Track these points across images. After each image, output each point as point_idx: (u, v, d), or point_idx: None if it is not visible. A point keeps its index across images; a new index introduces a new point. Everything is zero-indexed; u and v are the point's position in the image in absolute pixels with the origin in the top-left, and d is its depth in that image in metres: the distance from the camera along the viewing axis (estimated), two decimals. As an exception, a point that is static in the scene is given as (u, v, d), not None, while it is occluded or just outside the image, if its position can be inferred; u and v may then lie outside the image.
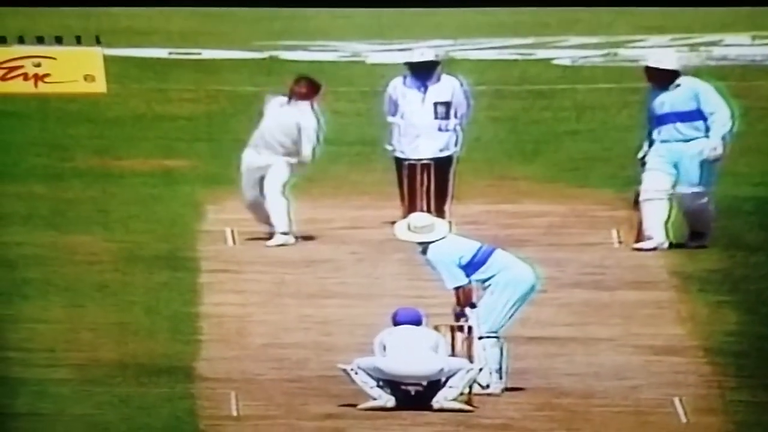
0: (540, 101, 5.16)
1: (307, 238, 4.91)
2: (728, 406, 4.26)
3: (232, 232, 4.99)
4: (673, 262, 4.97)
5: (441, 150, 5.13)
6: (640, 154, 4.95)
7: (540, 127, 5.12)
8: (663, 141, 4.91)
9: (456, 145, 5.15)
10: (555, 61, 5.35)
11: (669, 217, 4.88)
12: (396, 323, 4.31)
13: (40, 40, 4.75)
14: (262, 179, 4.73)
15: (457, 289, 4.22)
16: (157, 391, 4.46)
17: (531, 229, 5.04)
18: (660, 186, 4.87)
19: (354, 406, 4.29)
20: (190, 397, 4.45)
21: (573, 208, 5.10)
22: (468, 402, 4.35)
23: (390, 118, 5.18)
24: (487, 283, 4.24)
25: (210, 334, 4.67)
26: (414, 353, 4.23)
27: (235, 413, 4.37)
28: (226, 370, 4.55)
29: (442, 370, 4.22)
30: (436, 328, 4.29)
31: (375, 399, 4.24)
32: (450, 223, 4.38)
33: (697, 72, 5.10)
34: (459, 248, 4.24)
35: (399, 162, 5.09)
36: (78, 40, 4.75)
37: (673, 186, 4.89)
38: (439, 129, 5.14)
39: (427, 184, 5.03)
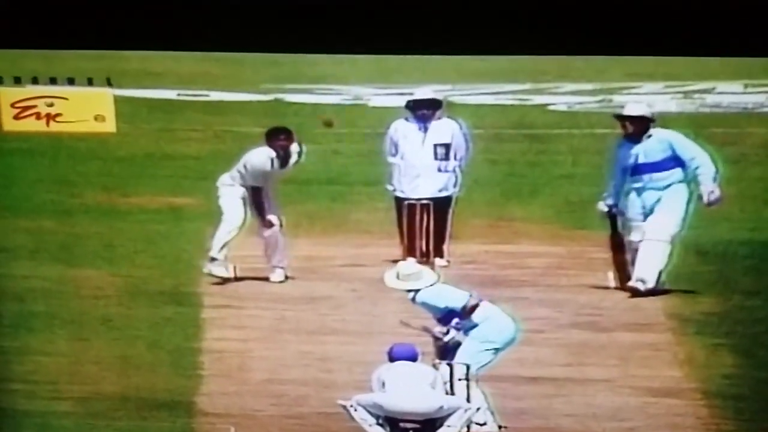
0: (537, 145, 5.26)
1: (308, 275, 4.97)
2: (724, 448, 4.29)
3: (234, 268, 5.05)
4: (669, 304, 5.02)
5: (440, 190, 5.21)
6: (606, 205, 5.01)
7: (537, 170, 5.20)
8: (638, 191, 5.01)
9: (455, 186, 5.24)
10: (551, 107, 5.46)
11: (667, 262, 4.96)
12: (392, 359, 4.35)
13: (53, 81, 4.83)
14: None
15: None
16: (158, 426, 4.49)
17: (528, 270, 5.11)
18: (661, 230, 4.95)
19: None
20: (191, 431, 4.47)
21: (569, 249, 5.17)
22: (467, 441, 4.37)
23: (390, 159, 5.27)
24: (469, 332, 4.33)
25: (211, 369, 4.71)
26: (413, 390, 4.27)
27: (234, 448, 4.38)
28: (226, 405, 4.59)
29: (441, 407, 4.27)
30: (433, 365, 4.34)
31: None
32: (439, 275, 4.50)
33: (680, 118, 5.20)
34: (446, 297, 4.35)
35: (399, 201, 5.17)
36: (90, 82, 4.83)
37: (642, 230, 4.98)
38: (439, 170, 5.23)
39: (426, 223, 5.10)
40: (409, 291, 4.31)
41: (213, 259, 4.88)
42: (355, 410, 4.24)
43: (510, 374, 4.59)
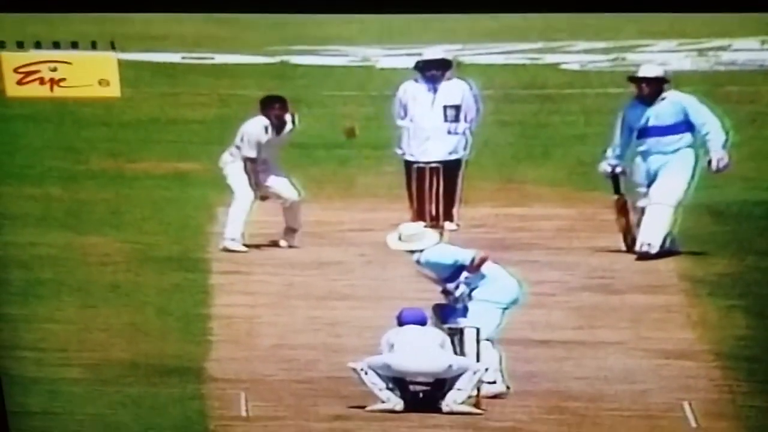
0: (548, 105, 5.17)
1: (316, 239, 4.93)
2: (739, 410, 4.26)
3: (242, 234, 5.01)
4: (682, 266, 4.97)
5: (450, 153, 5.15)
6: (608, 166, 4.95)
7: (548, 131, 5.12)
8: (644, 154, 4.94)
9: (465, 148, 5.17)
10: (563, 66, 5.35)
11: (672, 226, 4.91)
12: (401, 324, 4.34)
13: (56, 46, 4.76)
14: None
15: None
16: (168, 392, 4.50)
17: (539, 233, 5.05)
18: (667, 194, 4.90)
19: (363, 407, 4.31)
20: (201, 397, 4.48)
21: (581, 211, 5.10)
22: (476, 405, 4.36)
23: (399, 122, 5.20)
24: (474, 291, 4.32)
25: (220, 335, 4.71)
26: (422, 350, 4.26)
27: (244, 414, 4.40)
28: (236, 371, 4.58)
29: (450, 366, 4.26)
30: (442, 329, 4.32)
31: (384, 402, 4.27)
32: (442, 233, 4.47)
33: (694, 76, 5.09)
34: (452, 254, 4.32)
35: (408, 165, 5.11)
36: (93, 46, 4.76)
37: (647, 195, 4.92)
38: (449, 132, 5.16)
39: (435, 187, 5.05)
40: (413, 252, 4.30)
41: (233, 238, 4.87)
42: (366, 374, 4.24)
43: (520, 337, 4.56)
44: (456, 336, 4.27)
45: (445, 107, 5.13)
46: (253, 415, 4.41)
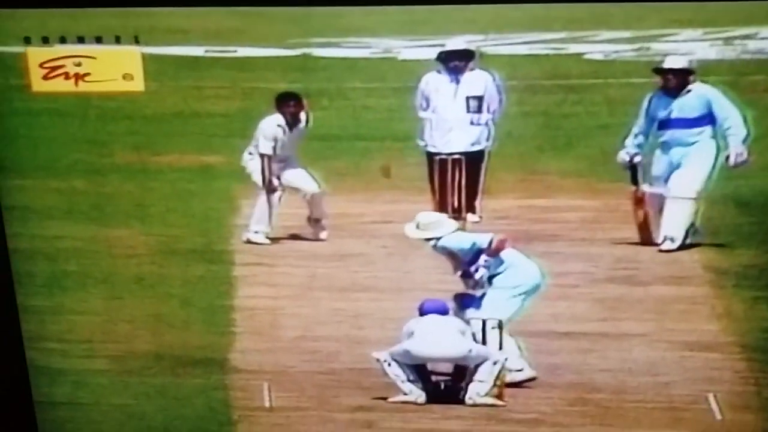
0: (572, 96, 5.14)
1: (339, 232, 4.94)
2: (764, 402, 4.22)
3: (269, 227, 5.04)
4: (707, 257, 4.93)
5: (473, 144, 5.14)
6: (627, 155, 4.91)
7: (572, 122, 5.09)
8: (664, 145, 4.91)
9: (488, 139, 5.16)
10: (587, 56, 5.31)
11: (694, 218, 4.87)
12: (422, 314, 4.35)
13: (80, 40, 4.79)
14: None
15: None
16: (192, 382, 4.53)
17: (563, 224, 5.04)
18: (688, 187, 4.86)
19: (385, 399, 4.31)
20: (224, 388, 4.51)
21: (605, 202, 5.07)
22: (499, 396, 4.36)
23: (421, 113, 5.20)
24: (494, 279, 4.30)
25: (243, 326, 4.73)
26: (442, 336, 4.27)
27: (267, 404, 4.42)
28: (259, 362, 4.61)
29: (470, 351, 4.27)
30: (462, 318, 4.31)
31: (406, 394, 4.28)
32: (464, 226, 4.46)
33: (720, 65, 5.04)
34: (469, 239, 4.31)
35: (430, 157, 5.11)
36: (117, 40, 4.79)
37: (667, 187, 4.88)
38: (471, 123, 5.14)
39: (458, 178, 5.04)
40: (430, 240, 4.32)
41: (257, 231, 4.90)
42: (389, 365, 4.25)
43: (544, 329, 4.55)
44: (477, 326, 4.28)
45: (468, 98, 5.11)
46: (276, 406, 4.44)
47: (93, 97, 4.78)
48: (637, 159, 4.88)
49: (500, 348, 4.30)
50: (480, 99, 5.13)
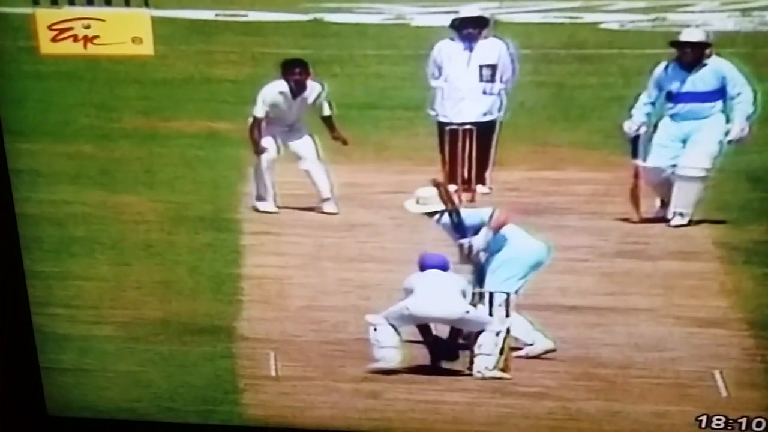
0: (586, 66, 5.07)
1: (348, 201, 4.92)
2: (770, 380, 4.20)
3: (275, 194, 5.02)
4: (718, 233, 4.89)
5: (484, 114, 5.08)
6: (633, 126, 4.84)
7: (585, 93, 5.03)
8: (674, 117, 4.83)
9: (499, 110, 5.10)
10: (602, 25, 5.23)
11: (702, 193, 4.82)
12: (422, 268, 4.35)
13: (89, 2, 4.74)
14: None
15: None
16: (199, 350, 4.54)
17: (573, 197, 5.00)
18: (695, 163, 4.81)
19: (392, 370, 4.31)
20: (231, 356, 4.52)
21: (617, 176, 5.03)
22: (504, 369, 4.36)
23: (433, 82, 5.14)
24: (496, 253, 4.28)
25: (251, 295, 4.73)
26: (441, 295, 4.27)
27: (273, 373, 4.43)
28: (266, 331, 4.61)
29: (467, 313, 4.27)
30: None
31: (377, 361, 4.29)
32: (473, 197, 4.43)
33: (736, 37, 4.95)
34: (471, 214, 4.29)
35: (441, 127, 5.06)
36: (127, 2, 4.74)
37: (675, 162, 4.82)
38: (484, 92, 5.08)
39: (468, 149, 5.00)
40: (432, 215, 4.29)
41: (259, 197, 4.88)
42: (375, 330, 4.26)
43: (551, 303, 4.53)
44: (484, 298, 4.26)
45: (481, 66, 5.04)
46: (282, 375, 4.45)
47: (102, 60, 4.74)
48: (642, 129, 4.82)
49: (507, 316, 4.29)
50: (493, 68, 5.06)
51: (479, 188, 4.95)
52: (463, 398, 4.44)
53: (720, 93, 4.84)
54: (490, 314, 4.23)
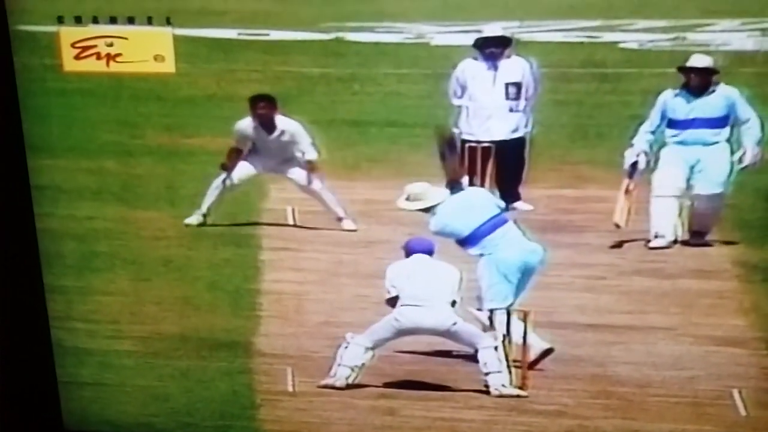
0: (605, 85, 5.08)
1: (366, 219, 4.94)
2: (789, 400, 4.17)
3: (293, 211, 5.05)
4: (736, 251, 4.87)
5: (512, 131, 5.10)
6: (634, 153, 4.84)
7: (604, 111, 5.04)
8: (680, 143, 4.82)
9: (526, 126, 5.12)
10: (622, 45, 5.25)
11: (680, 215, 4.81)
12: (408, 253, 4.34)
13: (113, 21, 4.81)
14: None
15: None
16: (217, 365, 4.56)
17: (592, 215, 5.00)
18: (675, 184, 4.80)
19: (407, 385, 4.32)
20: (248, 371, 4.54)
21: (636, 194, 5.03)
22: (522, 387, 4.35)
23: (455, 101, 5.16)
24: (487, 254, 4.27)
25: (269, 310, 4.76)
26: (429, 301, 4.25)
27: (291, 389, 4.44)
28: (283, 346, 4.63)
29: (455, 324, 4.26)
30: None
31: (332, 377, 4.29)
32: (513, 209, 4.42)
33: (756, 57, 4.94)
34: (473, 217, 4.27)
35: (466, 144, 5.08)
36: (149, 21, 4.81)
37: (688, 187, 4.81)
38: (510, 110, 5.11)
39: (499, 165, 5.01)
40: (424, 211, 4.29)
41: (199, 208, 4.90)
42: (346, 348, 4.28)
43: (569, 321, 4.52)
44: (484, 317, 4.23)
45: (506, 84, 5.06)
46: (299, 391, 4.46)
47: (124, 77, 4.80)
48: (642, 157, 4.83)
49: (508, 337, 4.27)
50: (519, 85, 5.07)
51: (519, 205, 4.94)
52: (480, 416, 4.43)
53: (727, 120, 4.84)
54: (491, 326, 4.21)
